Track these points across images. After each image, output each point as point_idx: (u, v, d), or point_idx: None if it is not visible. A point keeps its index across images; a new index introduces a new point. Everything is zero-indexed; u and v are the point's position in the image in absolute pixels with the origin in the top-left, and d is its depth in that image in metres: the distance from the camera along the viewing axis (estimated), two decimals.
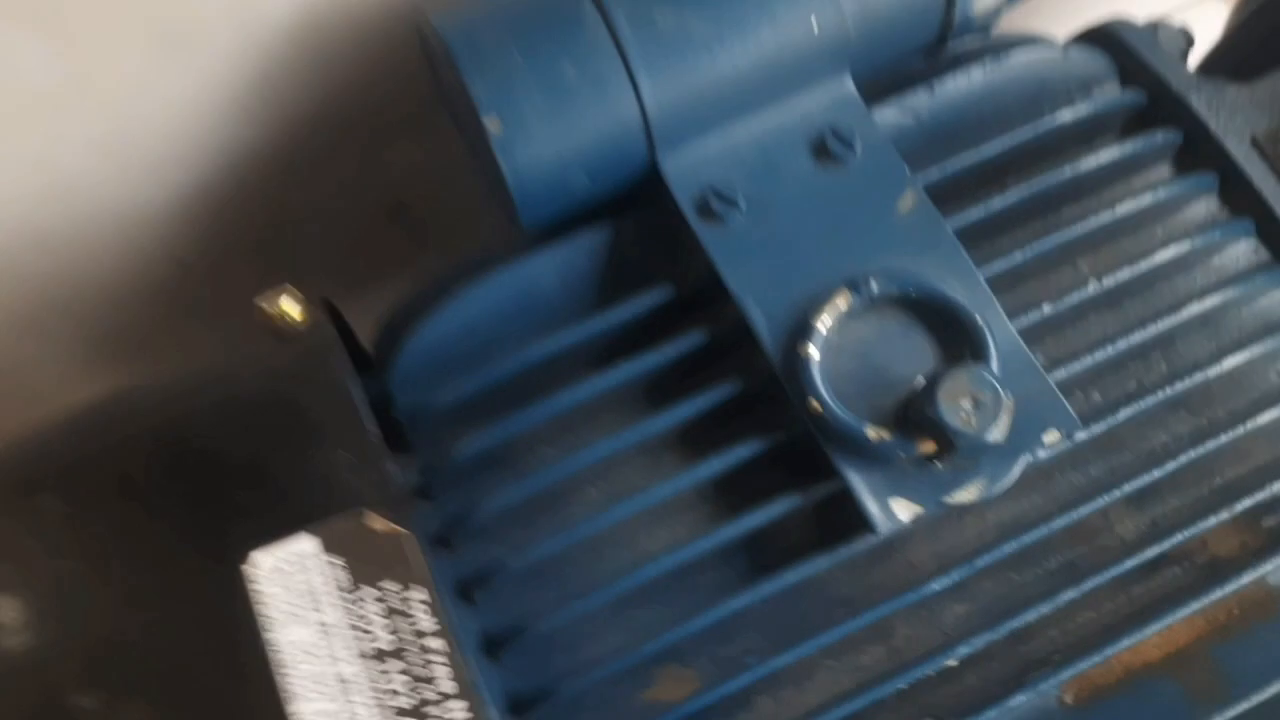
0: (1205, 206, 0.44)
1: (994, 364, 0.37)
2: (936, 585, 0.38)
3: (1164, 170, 0.45)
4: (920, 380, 0.37)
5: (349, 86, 0.52)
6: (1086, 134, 0.45)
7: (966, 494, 0.36)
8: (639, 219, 0.42)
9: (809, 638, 0.36)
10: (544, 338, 0.41)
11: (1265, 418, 0.40)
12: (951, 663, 0.37)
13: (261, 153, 0.53)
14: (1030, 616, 0.37)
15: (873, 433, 0.36)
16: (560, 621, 0.37)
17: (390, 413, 0.41)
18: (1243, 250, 0.43)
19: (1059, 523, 0.39)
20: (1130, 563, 0.39)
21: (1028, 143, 0.43)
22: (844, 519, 0.37)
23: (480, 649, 0.36)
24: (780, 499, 0.38)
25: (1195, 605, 0.38)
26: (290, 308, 0.40)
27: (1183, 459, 0.40)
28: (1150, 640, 0.37)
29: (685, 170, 0.40)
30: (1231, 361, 0.41)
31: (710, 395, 0.39)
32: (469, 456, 0.39)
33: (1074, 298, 0.41)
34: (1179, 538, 0.39)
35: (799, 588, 0.38)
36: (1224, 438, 0.40)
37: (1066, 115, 0.43)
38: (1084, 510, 0.39)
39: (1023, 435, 0.37)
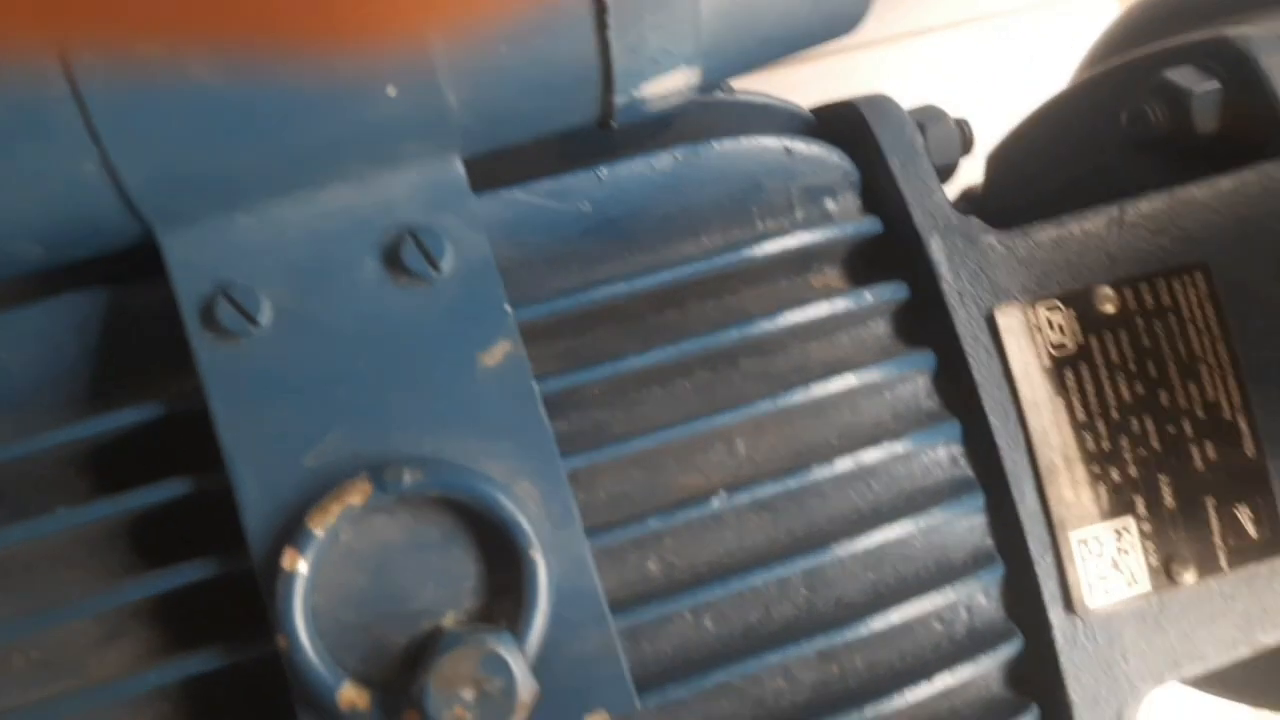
0: (912, 393, 0.34)
1: (534, 626, 0.27)
2: None
3: (880, 328, 0.35)
4: (451, 619, 0.28)
5: None
6: (799, 260, 0.34)
7: None
8: (152, 295, 0.30)
9: None
10: None
11: (912, 693, 0.32)
12: None
13: None
14: None
15: (347, 697, 0.26)
16: None
17: None
18: (941, 460, 0.34)
19: None
20: None
21: (712, 270, 0.32)
22: None
23: None
24: None
25: None
26: None
27: None
28: None
29: (196, 257, 0.28)
30: (891, 614, 0.32)
31: (179, 574, 0.29)
32: None
33: (700, 510, 0.31)
34: None
35: None
36: (860, 711, 0.32)
37: (770, 247, 0.33)
38: None
39: (554, 713, 0.28)
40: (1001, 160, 0.54)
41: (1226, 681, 0.45)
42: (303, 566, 0.27)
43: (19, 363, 0.30)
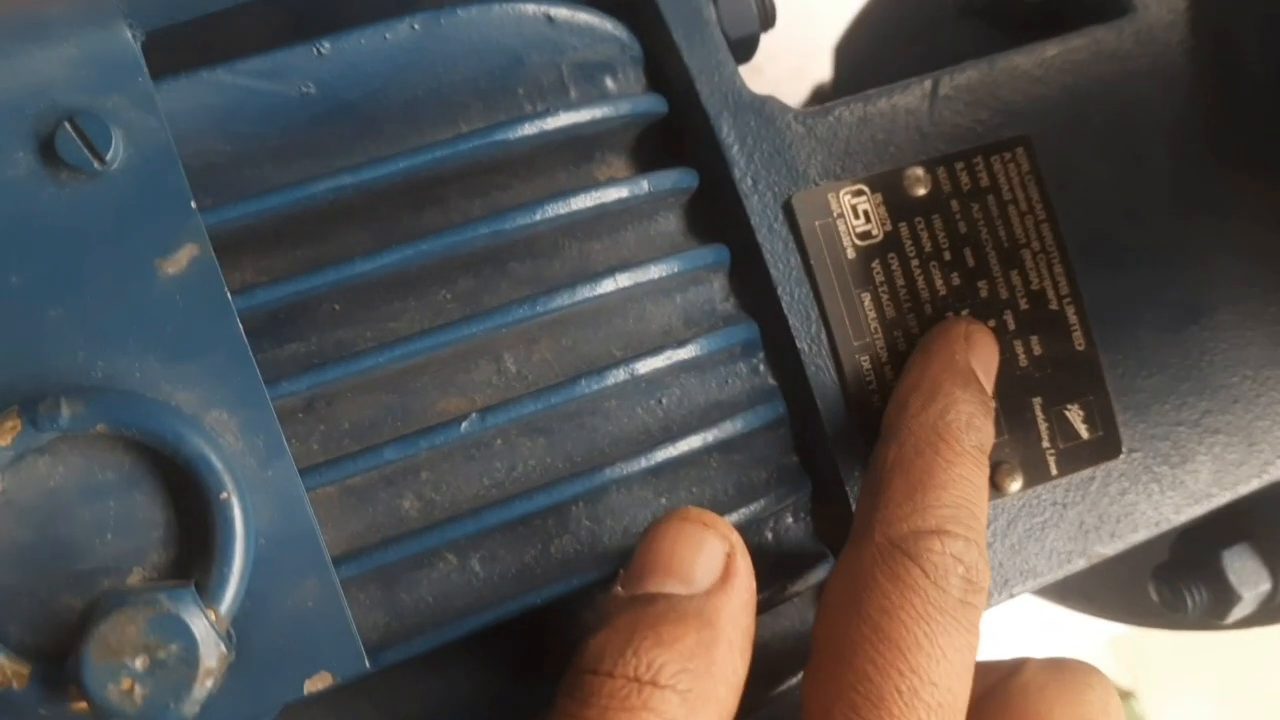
0: (706, 295, 0.30)
1: (229, 581, 0.23)
2: None
3: (670, 224, 0.31)
4: (138, 575, 0.23)
5: None
6: (578, 148, 0.30)
7: None
8: None
9: None
10: None
11: None
12: None
13: None
14: None
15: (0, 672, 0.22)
16: None
17: None
18: (739, 368, 0.30)
19: None
20: None
21: (460, 159, 0.28)
22: None
23: None
24: None
25: None
26: None
27: None
28: None
29: None
30: None
31: None
32: None
33: (448, 435, 0.27)
34: None
35: None
36: None
37: (528, 129, 0.28)
38: None
39: (268, 677, 0.23)
40: (848, 51, 0.50)
41: (1067, 588, 0.43)
42: None
43: None
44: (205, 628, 0.22)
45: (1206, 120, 0.33)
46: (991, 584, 0.30)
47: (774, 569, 0.30)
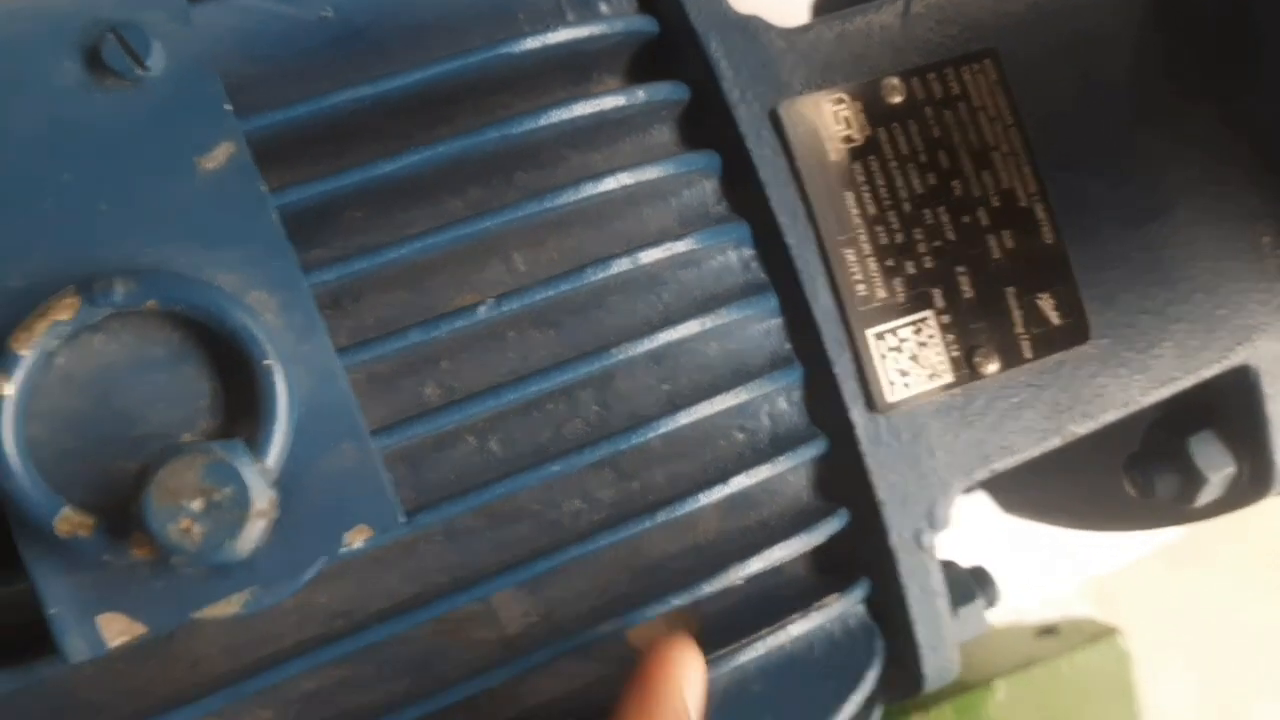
0: (699, 198, 0.33)
1: (274, 438, 0.25)
2: (222, 698, 0.28)
3: (665, 135, 0.33)
4: (188, 438, 0.25)
5: None
6: (575, 67, 0.32)
7: (223, 608, 0.25)
8: None
9: None
10: None
11: (714, 494, 0.31)
12: None
13: None
14: None
15: (66, 523, 0.24)
16: None
17: None
18: (732, 264, 0.32)
19: (421, 615, 0.29)
20: (512, 668, 0.30)
21: (468, 73, 0.30)
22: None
23: None
24: None
25: None
26: None
27: (598, 540, 0.30)
28: None
29: None
30: (685, 416, 0.31)
31: None
32: None
33: (466, 320, 0.29)
34: (583, 637, 0.30)
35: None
36: (660, 516, 0.31)
37: (531, 44, 0.31)
38: (456, 600, 0.29)
39: (311, 532, 0.26)
40: None
41: (1045, 505, 0.45)
42: (9, 390, 0.24)
43: None
44: (255, 474, 0.24)
45: (1161, 36, 0.35)
46: (971, 458, 0.33)
47: (769, 450, 0.32)
